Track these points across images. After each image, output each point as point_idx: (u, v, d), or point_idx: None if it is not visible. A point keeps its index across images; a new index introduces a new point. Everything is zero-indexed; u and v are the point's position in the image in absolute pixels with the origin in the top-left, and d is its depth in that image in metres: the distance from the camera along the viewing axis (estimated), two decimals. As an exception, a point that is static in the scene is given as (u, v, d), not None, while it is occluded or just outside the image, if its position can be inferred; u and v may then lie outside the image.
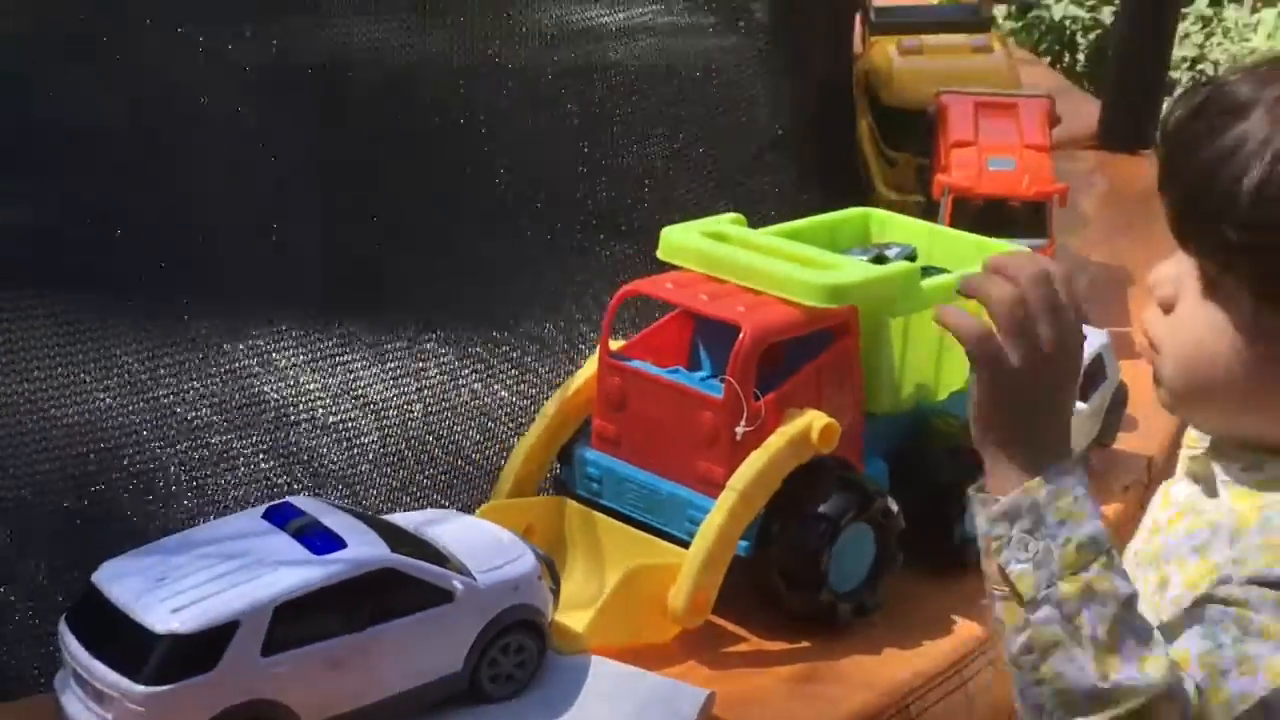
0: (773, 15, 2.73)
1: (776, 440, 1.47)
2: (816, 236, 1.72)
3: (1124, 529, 1.76)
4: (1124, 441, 1.97)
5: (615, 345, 1.58)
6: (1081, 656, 1.13)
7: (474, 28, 1.83)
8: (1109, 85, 3.18)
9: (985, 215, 2.17)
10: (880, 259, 1.67)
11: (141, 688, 1.19)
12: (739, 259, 1.56)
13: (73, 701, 1.25)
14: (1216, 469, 1.28)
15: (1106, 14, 5.35)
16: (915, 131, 2.49)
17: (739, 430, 1.47)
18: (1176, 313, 1.29)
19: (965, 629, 1.56)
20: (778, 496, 1.48)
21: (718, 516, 1.44)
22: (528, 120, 1.90)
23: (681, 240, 1.60)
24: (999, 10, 6.47)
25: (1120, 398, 1.91)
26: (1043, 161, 2.20)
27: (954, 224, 2.08)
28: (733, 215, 1.68)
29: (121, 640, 1.22)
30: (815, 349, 1.54)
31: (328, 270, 1.67)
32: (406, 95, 1.77)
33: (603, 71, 2.11)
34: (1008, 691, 1.45)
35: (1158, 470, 1.93)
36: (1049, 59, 5.26)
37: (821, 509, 1.48)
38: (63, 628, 1.26)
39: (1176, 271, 1.29)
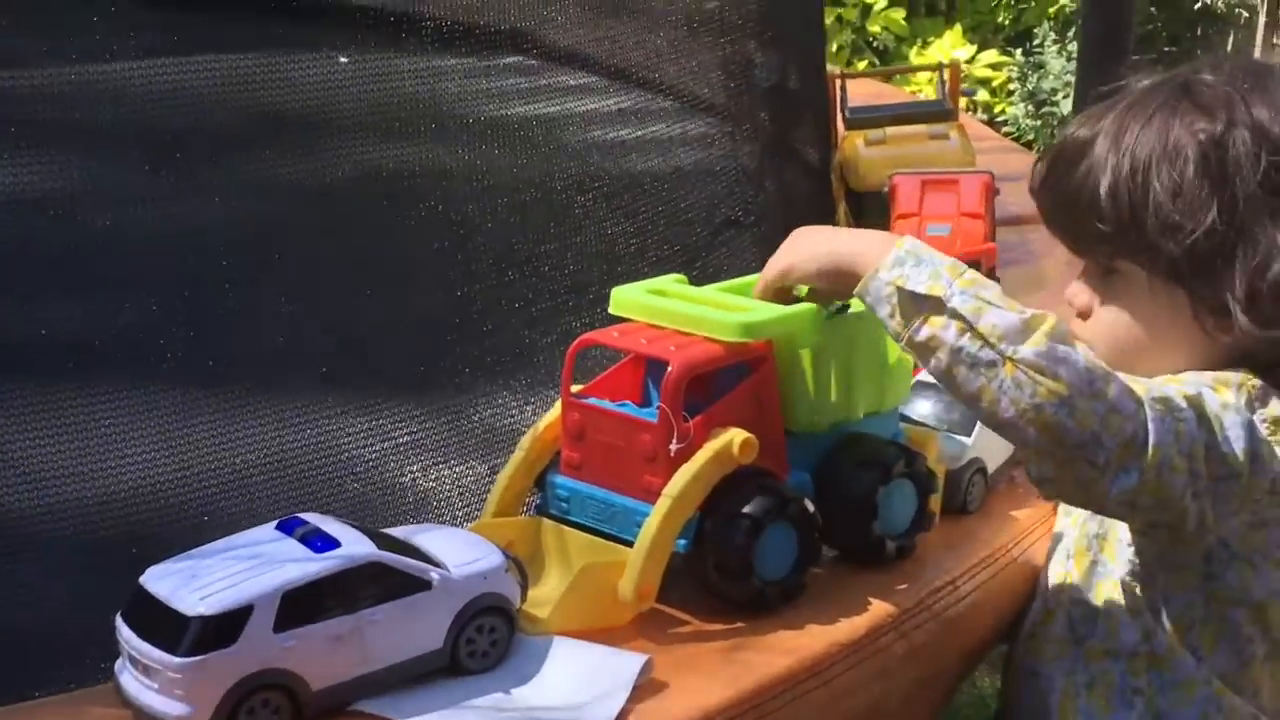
0: (771, 116, 3.06)
1: (703, 454, 1.76)
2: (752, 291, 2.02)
3: (1030, 538, 2.05)
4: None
5: (576, 388, 1.89)
6: (998, 310, 1.59)
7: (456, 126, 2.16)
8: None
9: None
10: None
11: (178, 659, 1.49)
12: (671, 307, 1.87)
13: (128, 679, 1.56)
14: None
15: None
16: (880, 211, 2.80)
17: (672, 447, 1.77)
18: (1094, 316, 1.87)
19: (880, 608, 1.83)
20: (709, 501, 1.77)
21: (655, 518, 1.74)
22: (508, 210, 2.22)
23: (627, 296, 1.92)
24: (1019, 109, 6.85)
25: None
26: (975, 227, 2.50)
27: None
28: (675, 276, 1.99)
29: (162, 625, 1.52)
30: (738, 379, 1.84)
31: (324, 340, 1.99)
32: (393, 188, 2.10)
33: (583, 164, 2.44)
34: (926, 662, 1.77)
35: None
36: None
37: (745, 510, 1.77)
38: (118, 621, 1.57)
39: (1083, 287, 1.88)
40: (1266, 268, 1.75)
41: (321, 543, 1.59)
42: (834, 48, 7.55)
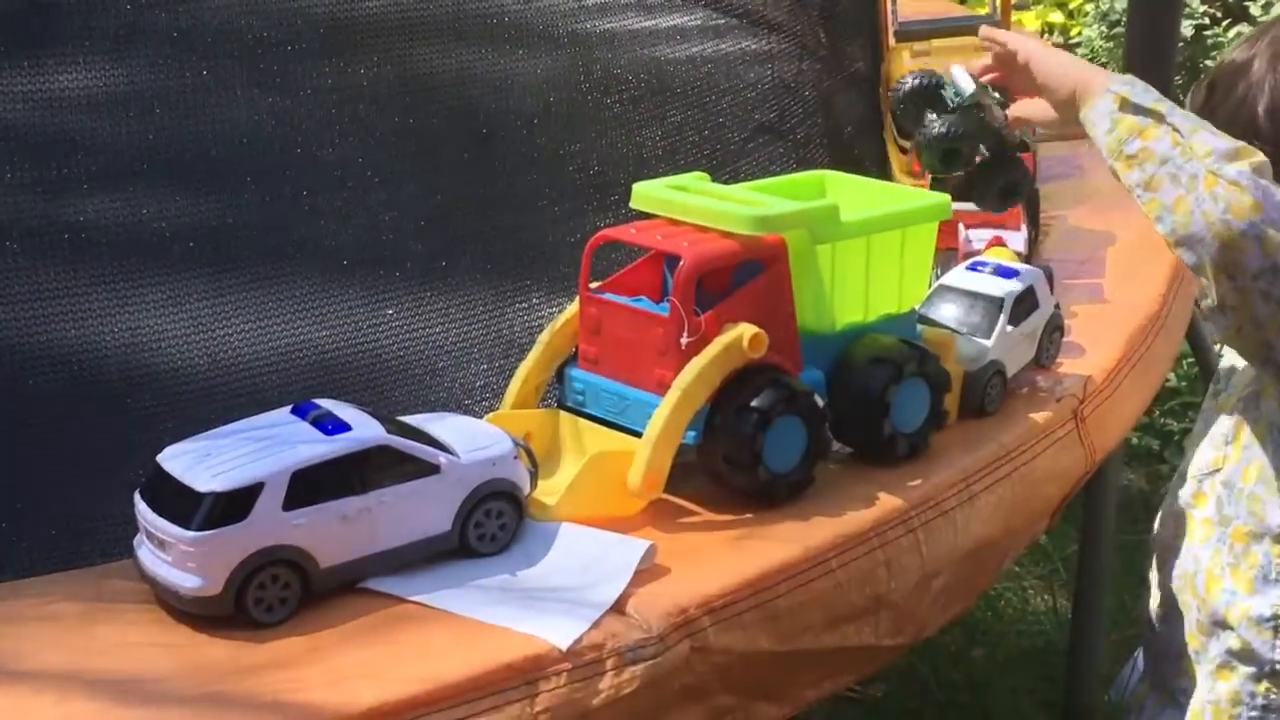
0: (819, 27, 3.07)
1: (713, 348, 1.79)
2: (780, 192, 2.05)
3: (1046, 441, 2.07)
4: (1069, 365, 2.26)
5: (595, 284, 1.93)
6: (1211, 134, 1.71)
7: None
8: (1126, 64, 3.44)
9: (963, 184, 2.49)
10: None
11: (192, 533, 1.54)
12: (689, 202, 1.90)
13: (145, 553, 1.61)
14: None
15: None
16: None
17: (683, 340, 1.80)
18: None
19: (887, 503, 1.86)
20: (719, 394, 1.80)
21: (663, 409, 1.77)
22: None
23: (647, 191, 1.94)
24: (1093, 30, 6.77)
25: (1055, 324, 2.20)
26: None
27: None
28: (697, 173, 2.02)
29: (177, 501, 1.57)
30: (754, 275, 1.87)
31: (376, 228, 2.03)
32: (421, 91, 2.13)
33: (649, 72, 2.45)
34: (934, 558, 1.79)
35: (1094, 388, 2.21)
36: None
37: (754, 403, 1.79)
38: (136, 498, 1.62)
39: None
40: None
41: (333, 426, 1.64)
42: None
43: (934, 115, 2.11)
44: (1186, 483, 2.04)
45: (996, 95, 2.11)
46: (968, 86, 2.09)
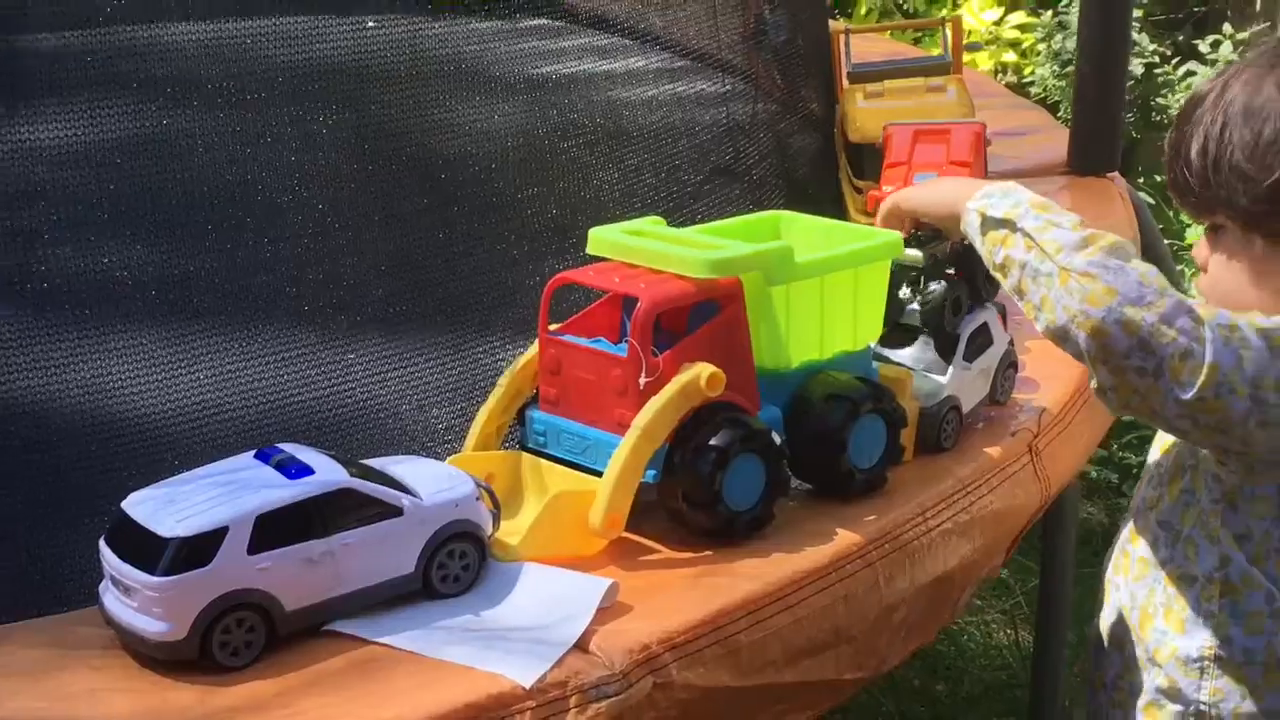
0: (771, 69, 3.11)
1: (671, 388, 1.81)
2: (735, 234, 2.08)
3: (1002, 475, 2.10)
4: (1024, 400, 2.30)
5: (554, 326, 1.95)
6: (1061, 229, 1.78)
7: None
8: (1074, 119, 3.51)
9: (917, 223, 2.53)
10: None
11: (157, 578, 1.55)
12: (645, 246, 1.93)
13: (110, 600, 1.62)
14: None
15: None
16: (877, 162, 2.84)
17: (641, 381, 1.82)
18: (1208, 271, 1.92)
19: (845, 538, 1.89)
20: (678, 433, 1.82)
21: (623, 449, 1.79)
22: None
23: (603, 236, 1.97)
24: (1045, 70, 6.85)
25: (1009, 360, 2.23)
26: (961, 174, 2.53)
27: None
28: (652, 217, 2.04)
29: (142, 547, 1.58)
30: (710, 315, 1.89)
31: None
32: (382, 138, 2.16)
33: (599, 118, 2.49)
34: (892, 591, 1.82)
35: (1049, 422, 2.25)
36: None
37: (712, 441, 1.82)
38: (101, 545, 1.64)
39: (1202, 243, 1.93)
40: None
41: (296, 470, 1.66)
42: (863, 11, 7.56)
43: (922, 286, 2.17)
44: (1127, 519, 2.07)
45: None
46: (915, 255, 2.14)
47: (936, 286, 2.14)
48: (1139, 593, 2.01)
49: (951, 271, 2.17)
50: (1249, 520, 1.89)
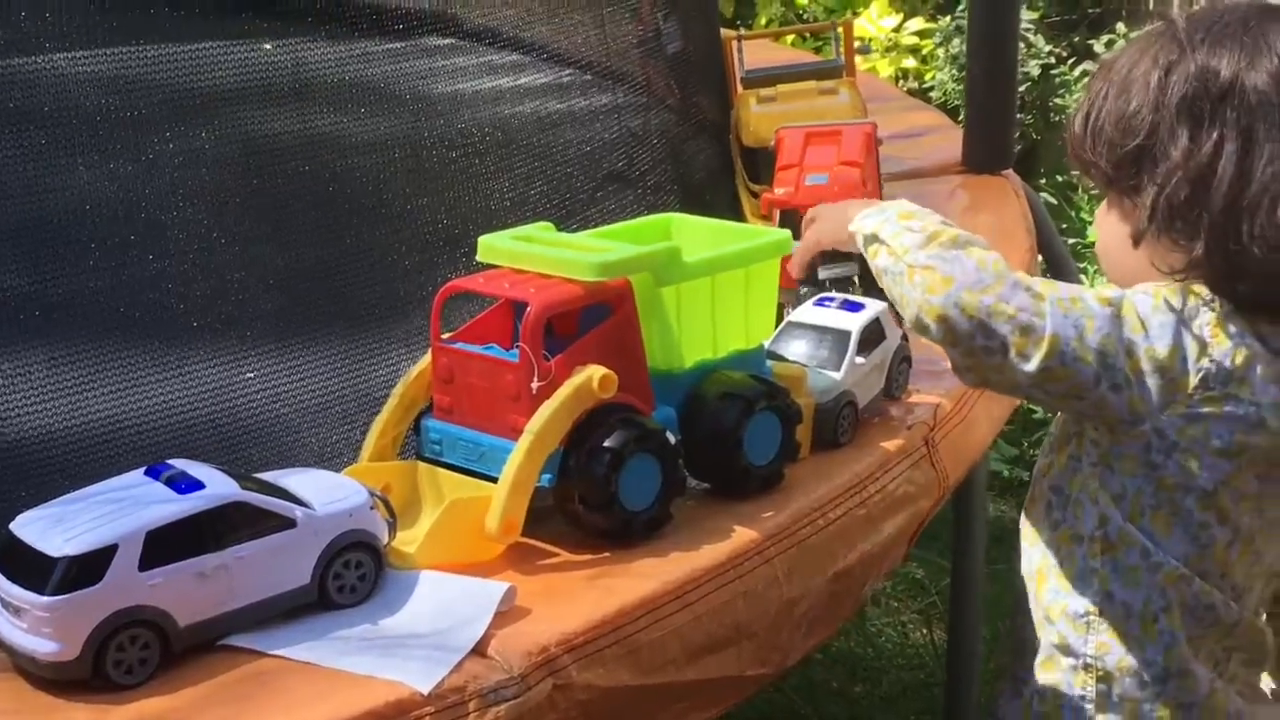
0: (661, 74, 3.12)
1: (564, 391, 1.82)
2: (626, 238, 2.09)
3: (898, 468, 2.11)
4: (920, 395, 2.31)
5: (446, 335, 1.95)
6: (910, 233, 1.91)
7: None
8: (967, 119, 3.55)
9: (808, 223, 2.55)
10: None
11: (46, 598, 1.54)
12: (534, 251, 1.93)
13: (1, 621, 1.61)
14: None
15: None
16: (770, 167, 2.86)
17: (534, 385, 1.83)
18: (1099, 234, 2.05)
19: (743, 535, 1.89)
20: (572, 436, 1.83)
21: (517, 453, 1.79)
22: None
23: (492, 243, 1.97)
24: (945, 74, 6.92)
25: (902, 354, 2.25)
26: (852, 174, 2.56)
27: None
28: (542, 223, 2.05)
29: (31, 567, 1.57)
30: (602, 318, 1.90)
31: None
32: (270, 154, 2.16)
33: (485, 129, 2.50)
34: (793, 585, 1.83)
35: (945, 415, 2.27)
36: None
37: (607, 443, 1.82)
38: (-11, 568, 1.62)
39: (1099, 211, 2.05)
40: (1170, 177, 1.89)
41: (186, 485, 1.65)
42: (763, 20, 7.60)
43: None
44: (1031, 484, 2.15)
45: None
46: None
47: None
48: (1035, 555, 2.09)
49: None
50: (1122, 479, 1.96)
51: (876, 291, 2.13)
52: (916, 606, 4.39)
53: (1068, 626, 2.04)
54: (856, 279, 2.30)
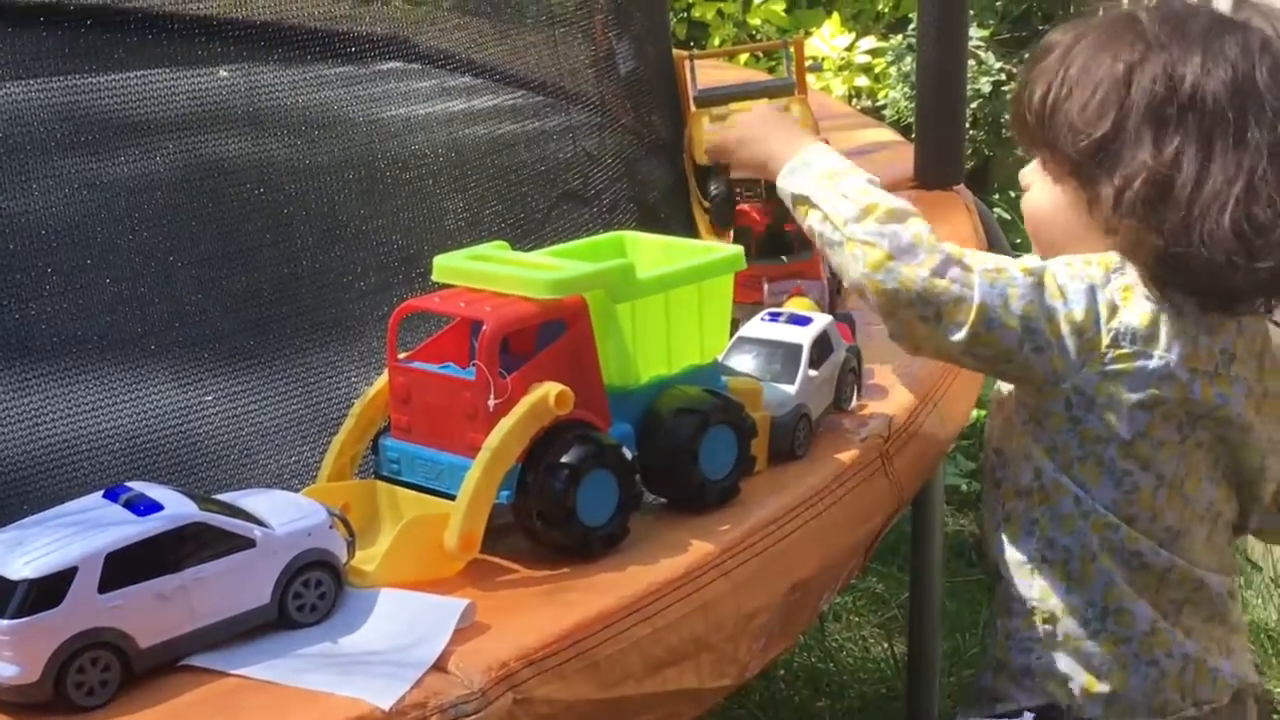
0: (614, 95, 3.14)
1: (520, 408, 1.83)
2: (580, 256, 2.10)
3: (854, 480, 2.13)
4: (875, 407, 2.34)
5: (403, 354, 1.96)
6: (846, 201, 2.09)
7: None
8: (917, 135, 3.59)
9: (766, 240, 2.58)
10: None
11: (5, 622, 1.55)
12: (489, 270, 1.95)
13: (-40, 646, 1.61)
14: None
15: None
16: (721, 184, 2.88)
17: (490, 403, 1.84)
18: (1028, 194, 2.25)
19: (700, 549, 1.91)
20: (530, 453, 1.84)
21: (475, 470, 1.80)
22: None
23: (447, 263, 1.99)
24: (897, 93, 6.96)
25: (849, 366, 2.27)
26: None
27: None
28: (498, 242, 2.07)
29: (-10, 592, 1.58)
30: (557, 335, 1.92)
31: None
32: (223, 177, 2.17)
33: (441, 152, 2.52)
34: (750, 597, 1.84)
35: (899, 427, 2.29)
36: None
37: (564, 459, 1.84)
38: (-51, 592, 1.63)
39: (1030, 171, 2.25)
40: (1134, 177, 2.05)
41: (145, 507, 1.65)
42: (716, 41, 7.63)
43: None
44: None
45: None
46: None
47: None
48: (986, 512, 2.29)
49: None
50: (1051, 434, 2.15)
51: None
52: (877, 620, 4.41)
53: (1016, 574, 2.22)
54: (764, 185, 2.49)
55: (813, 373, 2.18)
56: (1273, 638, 4.38)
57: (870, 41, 7.43)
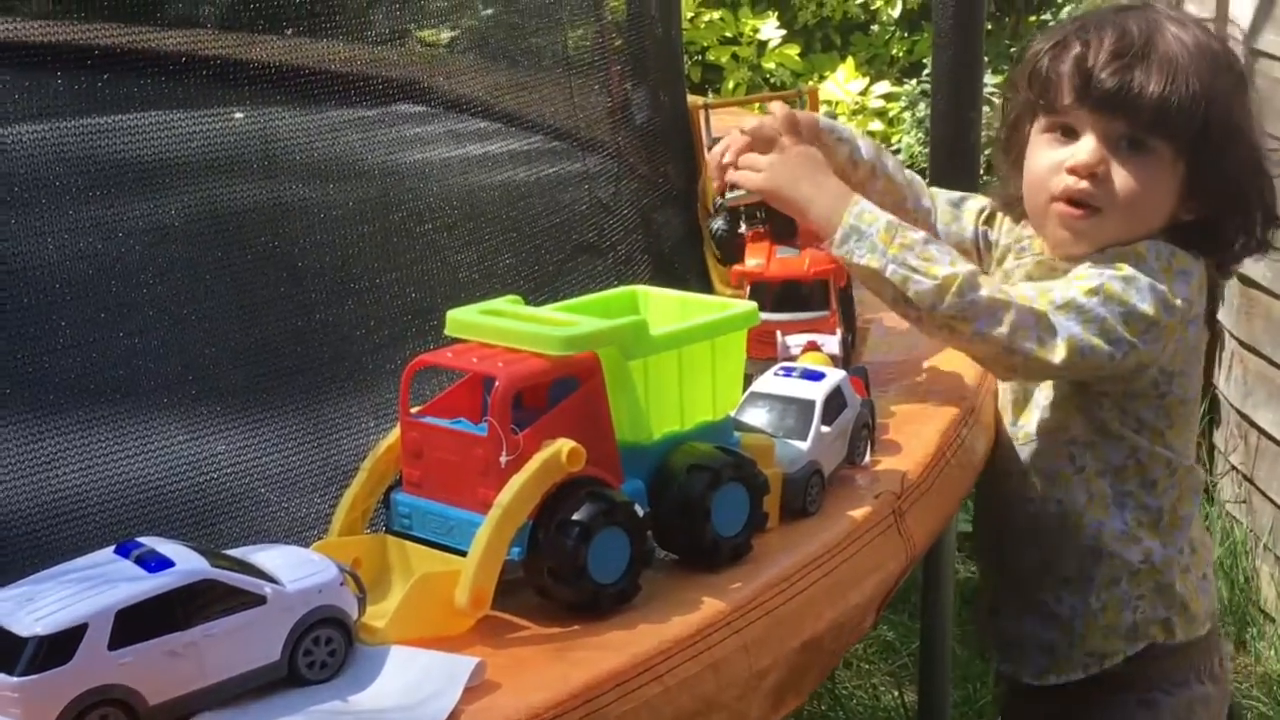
0: (630, 145, 3.15)
1: (532, 464, 1.83)
2: (593, 311, 2.10)
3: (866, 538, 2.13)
4: (887, 463, 2.33)
5: (415, 409, 1.96)
6: (919, 279, 2.28)
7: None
8: (931, 181, 3.58)
9: (781, 295, 2.57)
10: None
11: (16, 679, 1.54)
12: (501, 325, 1.95)
13: (-30, 702, 1.61)
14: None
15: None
16: (739, 236, 2.88)
17: (503, 459, 1.84)
18: (1111, 175, 2.41)
19: (711, 606, 1.90)
20: (541, 509, 1.84)
21: (486, 527, 1.80)
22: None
23: (461, 317, 1.99)
24: (910, 138, 6.97)
25: (863, 421, 2.27)
26: (820, 252, 2.57)
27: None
28: (511, 296, 2.07)
29: (0, 648, 1.58)
30: (570, 391, 1.91)
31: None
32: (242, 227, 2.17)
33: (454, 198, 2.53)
34: (762, 656, 1.84)
35: (911, 484, 2.28)
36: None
37: (575, 516, 1.83)
38: (-42, 648, 1.62)
39: (1099, 157, 2.41)
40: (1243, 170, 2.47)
41: (156, 563, 1.65)
42: (731, 85, 7.65)
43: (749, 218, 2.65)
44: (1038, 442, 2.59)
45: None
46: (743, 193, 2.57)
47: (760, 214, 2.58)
48: (1066, 498, 2.57)
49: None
50: (1139, 414, 2.48)
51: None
52: (887, 668, 4.39)
53: (1114, 545, 2.53)
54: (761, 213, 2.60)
55: (826, 428, 2.17)
56: (1286, 690, 4.36)
57: (884, 86, 7.46)
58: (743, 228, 2.65)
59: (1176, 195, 2.43)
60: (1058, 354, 2.28)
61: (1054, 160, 2.45)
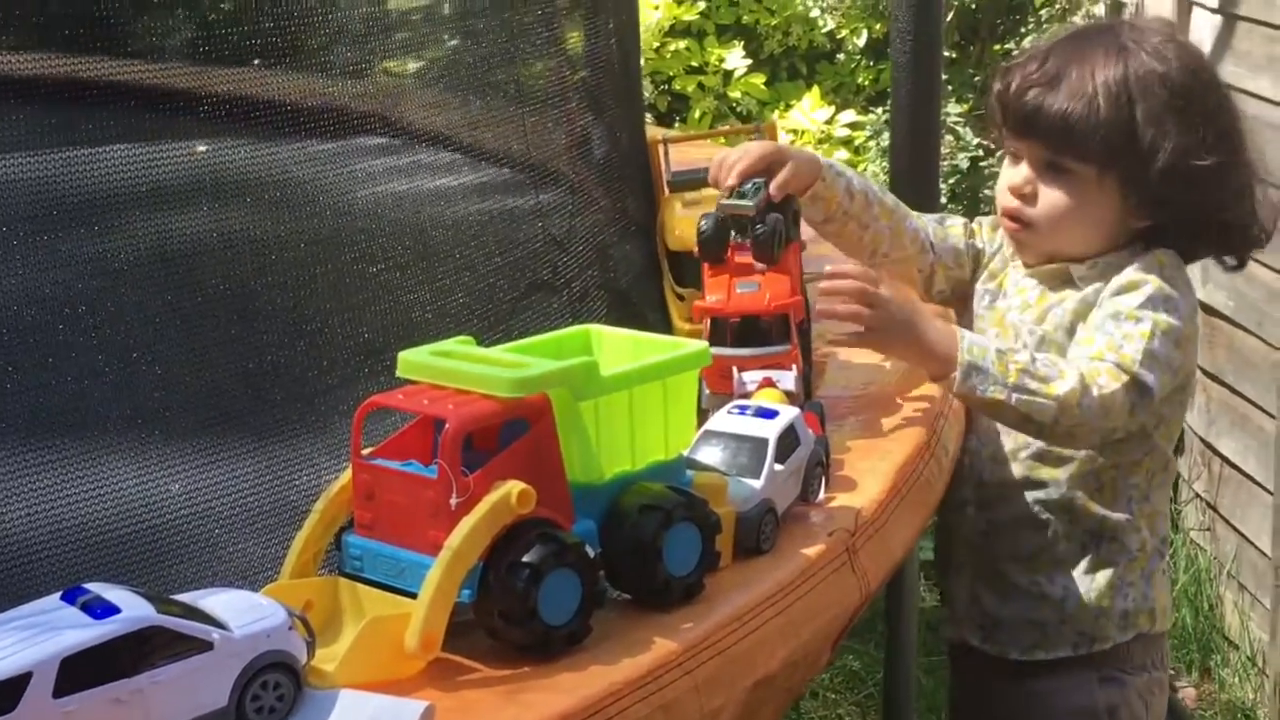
0: (586, 179, 3.15)
1: (482, 507, 1.83)
2: (545, 351, 2.10)
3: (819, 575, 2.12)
4: (842, 499, 2.33)
5: (366, 451, 1.96)
6: (1040, 403, 2.46)
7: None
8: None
9: (740, 330, 2.56)
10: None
11: (-42, 730, 1.54)
12: (452, 367, 1.95)
13: (-87, 753, 1.60)
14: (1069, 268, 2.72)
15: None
16: (697, 271, 2.88)
17: (453, 501, 1.84)
18: (1039, 197, 2.69)
19: (663, 647, 1.90)
20: (492, 551, 1.84)
21: (436, 570, 1.80)
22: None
23: (412, 359, 1.99)
24: (876, 166, 6.98)
25: (816, 459, 2.27)
26: (782, 282, 2.57)
27: (713, 340, 2.47)
28: (462, 337, 2.07)
29: (-55, 697, 1.57)
30: (521, 433, 1.91)
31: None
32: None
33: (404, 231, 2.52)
34: (714, 696, 1.83)
35: (865, 520, 2.28)
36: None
37: (525, 558, 1.83)
38: (-99, 699, 1.62)
39: (1025, 178, 2.70)
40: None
41: (102, 609, 1.64)
42: (696, 114, 7.66)
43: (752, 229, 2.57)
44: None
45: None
46: (745, 204, 2.56)
47: (764, 226, 2.51)
48: (1062, 489, 2.78)
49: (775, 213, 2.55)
50: (1159, 408, 2.64)
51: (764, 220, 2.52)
52: (854, 699, 4.40)
53: (1119, 534, 2.74)
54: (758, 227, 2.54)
55: (779, 466, 2.17)
56: (1250, 717, 4.37)
57: (850, 115, 7.47)
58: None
59: (1116, 209, 2.66)
60: (1153, 409, 2.58)
61: (1003, 181, 2.75)
